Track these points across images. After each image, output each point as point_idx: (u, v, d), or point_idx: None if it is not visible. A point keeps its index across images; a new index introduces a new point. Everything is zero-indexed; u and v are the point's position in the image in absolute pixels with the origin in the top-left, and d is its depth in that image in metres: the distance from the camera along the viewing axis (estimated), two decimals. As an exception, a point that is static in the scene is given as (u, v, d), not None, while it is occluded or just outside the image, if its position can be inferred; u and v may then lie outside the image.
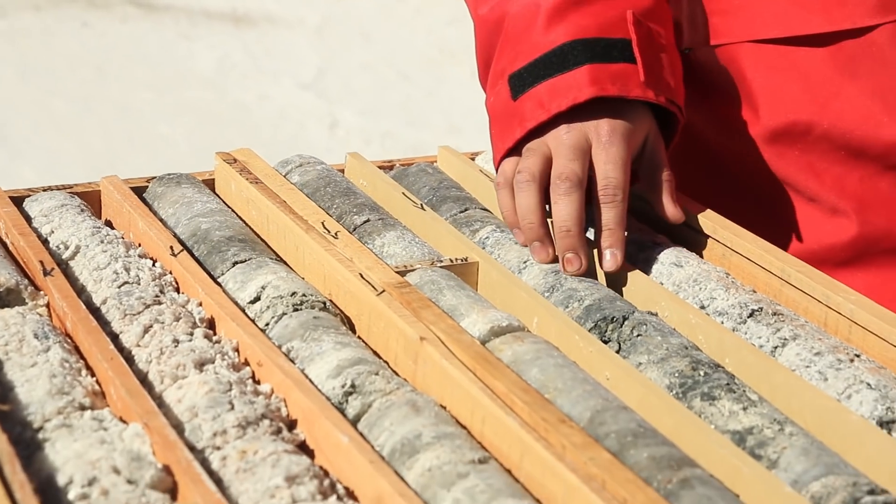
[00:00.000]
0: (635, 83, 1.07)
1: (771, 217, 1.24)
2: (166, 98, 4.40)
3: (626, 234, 1.06)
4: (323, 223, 1.09)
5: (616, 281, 1.06)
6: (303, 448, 0.85)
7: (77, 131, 3.99)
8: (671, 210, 1.10)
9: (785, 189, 1.23)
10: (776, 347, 0.95)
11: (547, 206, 1.07)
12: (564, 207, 1.04)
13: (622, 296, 1.03)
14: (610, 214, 1.05)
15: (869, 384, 0.89)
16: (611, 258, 1.05)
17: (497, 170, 1.12)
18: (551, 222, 1.06)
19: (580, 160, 1.05)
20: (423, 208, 1.17)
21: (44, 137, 3.89)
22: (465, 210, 1.19)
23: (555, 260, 1.05)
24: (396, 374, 0.92)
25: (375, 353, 0.95)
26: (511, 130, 1.10)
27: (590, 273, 1.05)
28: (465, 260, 1.07)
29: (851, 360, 0.92)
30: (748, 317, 0.99)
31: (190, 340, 0.92)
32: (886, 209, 1.20)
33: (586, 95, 1.07)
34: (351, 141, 4.20)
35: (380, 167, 1.29)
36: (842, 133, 1.17)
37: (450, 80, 4.67)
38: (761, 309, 0.99)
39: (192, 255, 1.06)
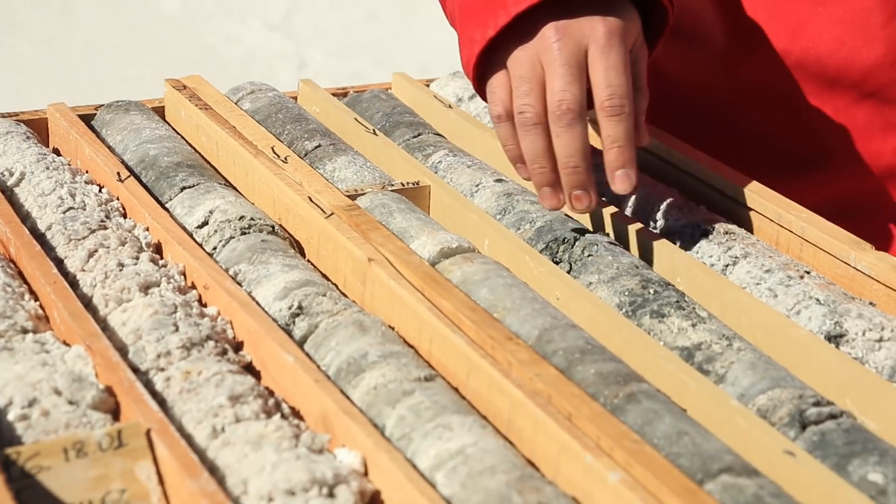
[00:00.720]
0: None
1: (747, 154, 1.21)
2: (132, 39, 4.36)
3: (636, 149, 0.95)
4: (273, 148, 1.08)
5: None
6: (249, 369, 0.84)
7: (41, 72, 3.95)
8: (642, 137, 0.98)
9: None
10: (727, 266, 0.95)
11: None
12: (570, 142, 0.93)
13: (574, 217, 1.03)
14: (619, 129, 0.92)
15: (818, 300, 0.88)
16: (624, 178, 0.93)
17: (473, 81, 0.98)
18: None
19: (579, 80, 0.92)
20: (375, 134, 1.15)
21: (7, 77, 3.85)
22: (419, 135, 1.18)
23: (561, 207, 0.96)
24: (345, 295, 0.91)
25: (325, 276, 0.94)
26: (493, 17, 0.94)
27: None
28: (417, 184, 1.06)
29: (801, 277, 0.91)
30: (700, 236, 0.98)
31: (135, 264, 0.91)
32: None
33: None
34: (320, 82, 4.17)
35: (333, 94, 1.27)
36: (815, 61, 1.15)
37: (419, 19, 4.64)
38: (713, 228, 0.99)
39: (140, 181, 1.05)
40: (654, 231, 1.01)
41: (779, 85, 1.16)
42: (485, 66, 0.97)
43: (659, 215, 1.02)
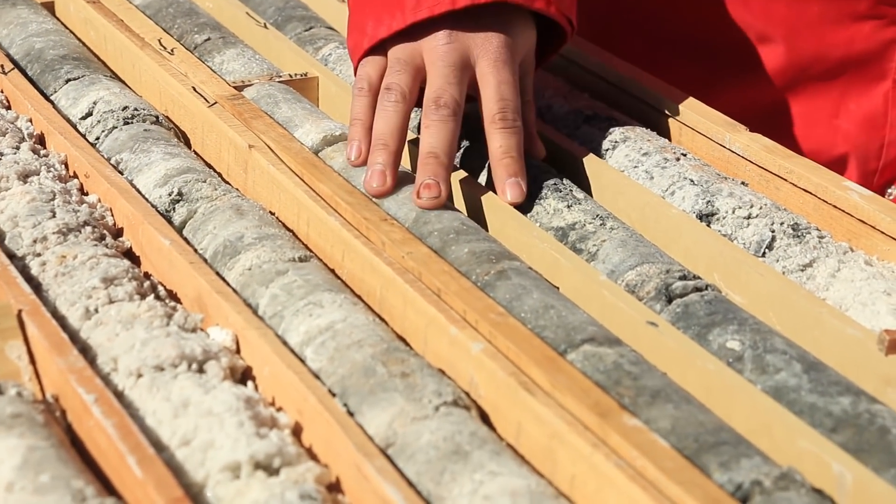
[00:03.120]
0: None
1: (697, 49, 1.21)
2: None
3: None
4: (160, 40, 1.07)
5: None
6: (129, 255, 0.84)
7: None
8: (537, 150, 0.96)
9: (711, 20, 1.18)
10: (607, 150, 0.96)
11: None
12: (437, 134, 0.89)
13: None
14: (511, 141, 0.90)
15: (692, 180, 0.90)
16: (515, 189, 0.89)
17: (355, 66, 0.96)
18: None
19: (460, 84, 0.91)
20: (266, 27, 1.15)
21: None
22: (310, 28, 1.18)
23: (388, 194, 0.88)
24: (228, 183, 0.91)
25: (209, 165, 0.95)
26: (389, 17, 0.93)
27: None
28: (305, 75, 1.06)
29: (677, 159, 0.93)
30: (583, 122, 0.99)
31: (15, 153, 0.91)
32: (815, 33, 1.16)
33: None
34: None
35: (228, -10, 1.26)
36: None
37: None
38: (595, 115, 1.00)
39: (25, 74, 1.04)
40: (539, 118, 1.02)
41: None
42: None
43: (543, 102, 1.03)
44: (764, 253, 0.84)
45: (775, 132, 0.98)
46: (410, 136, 0.94)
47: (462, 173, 0.91)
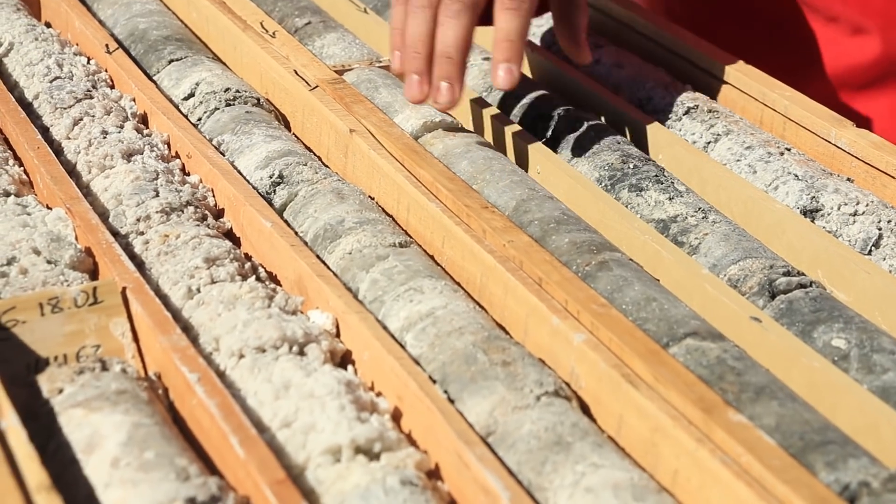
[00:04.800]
0: None
1: (786, 41, 1.19)
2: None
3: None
4: (262, 23, 1.08)
5: (555, 81, 1.05)
6: (229, 236, 0.85)
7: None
8: (583, 55, 0.96)
9: (802, 10, 1.17)
10: (709, 143, 0.95)
11: None
12: (451, 31, 0.88)
13: (560, 96, 1.03)
14: (513, 24, 0.88)
15: (796, 175, 0.89)
16: (506, 74, 0.89)
17: None
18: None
19: None
20: (366, 12, 1.15)
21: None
22: (410, 14, 1.17)
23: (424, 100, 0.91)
24: (328, 167, 0.92)
25: (308, 148, 0.95)
26: None
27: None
28: (405, 60, 1.06)
29: (781, 154, 0.91)
30: (683, 114, 0.98)
31: (119, 132, 0.92)
32: None
33: None
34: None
35: (327, -26, 1.27)
36: None
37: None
38: (697, 106, 0.99)
39: (129, 53, 1.05)
40: (639, 108, 1.01)
41: None
42: None
43: (644, 93, 1.02)
44: (870, 251, 0.82)
45: (863, 126, 0.97)
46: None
47: (568, 168, 0.90)
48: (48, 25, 1.13)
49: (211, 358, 0.71)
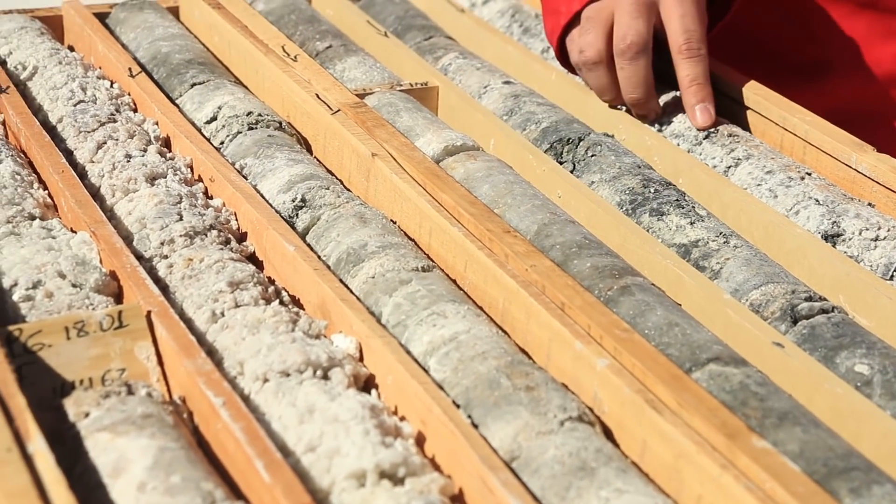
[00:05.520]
0: None
1: (752, 62, 1.21)
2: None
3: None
4: (283, 47, 1.08)
5: (575, 104, 1.05)
6: (252, 260, 0.85)
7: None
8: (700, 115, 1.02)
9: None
10: (729, 167, 0.95)
11: None
12: (632, 75, 0.98)
13: (580, 119, 1.03)
14: (697, 69, 0.98)
15: (817, 200, 0.89)
16: (704, 113, 0.99)
17: (557, 45, 1.04)
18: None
19: (644, 16, 0.98)
20: (386, 36, 1.16)
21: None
22: (430, 38, 1.18)
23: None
24: (349, 190, 0.92)
25: (330, 171, 0.95)
26: None
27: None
28: (426, 84, 1.07)
29: (802, 178, 0.92)
30: (704, 138, 0.98)
31: (143, 156, 0.92)
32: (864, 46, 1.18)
33: None
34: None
35: (348, -3, 1.28)
36: None
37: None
38: (717, 130, 0.99)
39: (152, 77, 1.06)
40: (660, 132, 1.01)
41: None
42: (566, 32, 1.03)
43: (664, 117, 1.02)
44: (892, 276, 0.83)
45: None
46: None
47: (589, 192, 0.91)
48: (71, 49, 1.14)
49: (235, 382, 0.71)
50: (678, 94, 1.01)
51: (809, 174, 0.92)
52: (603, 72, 1.00)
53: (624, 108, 1.03)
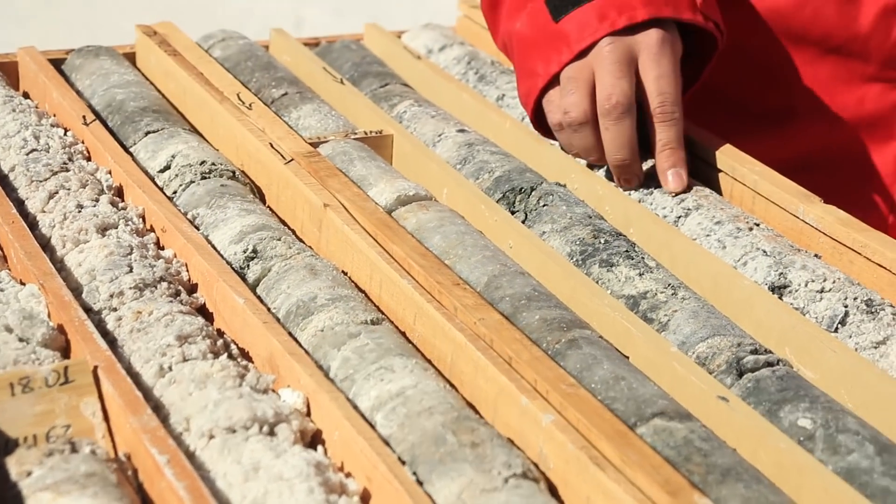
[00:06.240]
0: (686, 5, 0.99)
1: (716, 111, 1.22)
2: (129, -10, 4.35)
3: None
4: (238, 95, 1.09)
5: (528, 153, 1.06)
6: (202, 311, 0.85)
7: (34, 23, 3.94)
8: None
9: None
10: (679, 217, 0.96)
11: None
12: (617, 136, 0.97)
13: (533, 168, 1.04)
14: (670, 133, 0.98)
15: (765, 251, 0.90)
16: (676, 178, 0.98)
17: (532, 108, 1.02)
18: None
19: (627, 76, 0.97)
20: (342, 83, 1.16)
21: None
22: (385, 85, 1.19)
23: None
24: (302, 241, 0.92)
25: (283, 221, 0.96)
26: (556, 53, 0.99)
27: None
28: (380, 132, 1.07)
29: (750, 229, 0.92)
30: (654, 188, 0.99)
31: (94, 206, 0.92)
32: (827, 93, 1.18)
33: (643, 16, 0.97)
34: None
35: (305, 44, 1.28)
36: (781, 18, 1.15)
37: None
38: (668, 180, 1.00)
39: (106, 125, 1.06)
40: (611, 182, 1.02)
41: (747, 41, 1.16)
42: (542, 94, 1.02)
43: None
44: (837, 328, 0.83)
45: None
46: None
47: (540, 242, 0.91)
48: (26, 96, 1.14)
49: (181, 438, 0.71)
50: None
51: (758, 225, 0.93)
52: (589, 132, 0.99)
53: (578, 159, 1.03)
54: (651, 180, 1.00)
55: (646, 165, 1.01)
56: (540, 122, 1.04)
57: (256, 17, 4.32)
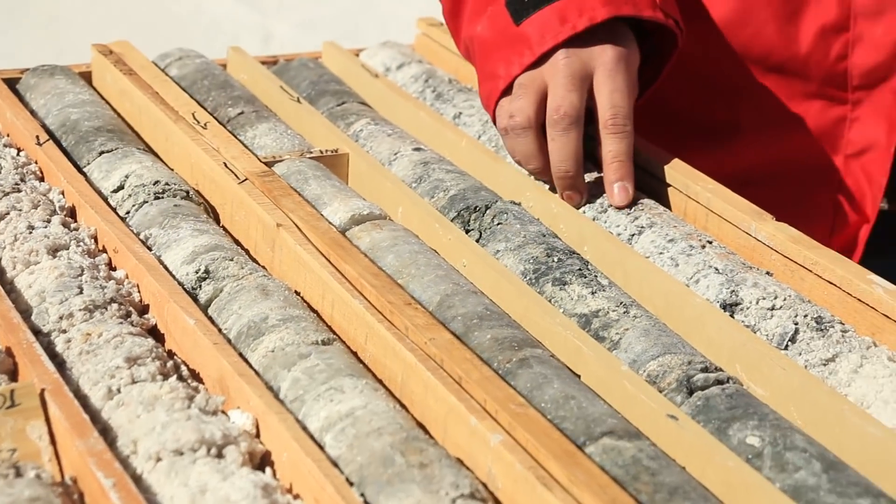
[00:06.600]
0: (646, 3, 1.00)
1: (663, 125, 1.23)
2: (97, 8, 4.34)
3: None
4: (193, 114, 1.08)
5: (484, 171, 1.06)
6: (153, 333, 0.85)
7: (8, 38, 3.93)
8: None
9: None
10: (633, 235, 0.96)
11: None
12: (563, 147, 0.98)
13: (489, 186, 1.04)
14: (620, 146, 0.98)
15: (717, 269, 0.90)
16: (621, 192, 0.98)
17: (493, 108, 1.02)
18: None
19: (579, 91, 0.98)
20: (299, 101, 1.16)
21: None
22: (343, 104, 1.19)
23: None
24: (256, 261, 0.92)
25: (237, 241, 0.95)
26: (518, 56, 1.00)
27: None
28: (336, 151, 1.07)
29: (703, 247, 0.93)
30: (609, 206, 0.99)
31: (46, 227, 0.92)
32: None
33: (603, 15, 0.98)
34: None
35: (263, 62, 1.28)
36: (720, 35, 1.16)
37: (387, -9, 4.62)
38: (622, 198, 1.00)
39: (60, 145, 1.05)
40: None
41: (693, 54, 1.17)
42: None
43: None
44: (787, 346, 0.84)
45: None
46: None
47: (494, 261, 0.91)
48: (-20, 115, 1.14)
49: (128, 461, 0.71)
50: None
51: (710, 242, 0.94)
52: (531, 138, 0.99)
53: (532, 176, 1.03)
54: (605, 198, 1.00)
55: (591, 180, 1.01)
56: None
57: (226, 32, 4.31)
